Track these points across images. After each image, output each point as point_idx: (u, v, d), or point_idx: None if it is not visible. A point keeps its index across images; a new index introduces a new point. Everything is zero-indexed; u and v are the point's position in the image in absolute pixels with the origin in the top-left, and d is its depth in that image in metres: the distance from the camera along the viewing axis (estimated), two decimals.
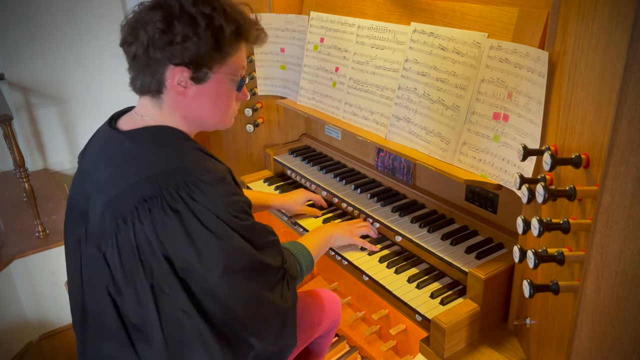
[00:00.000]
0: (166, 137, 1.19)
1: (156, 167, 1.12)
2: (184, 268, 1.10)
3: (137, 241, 1.10)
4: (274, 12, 2.11)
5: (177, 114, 1.21)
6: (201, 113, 1.23)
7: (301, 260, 1.41)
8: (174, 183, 1.10)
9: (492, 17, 1.42)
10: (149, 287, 1.11)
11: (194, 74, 1.15)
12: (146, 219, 1.09)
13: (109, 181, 1.15)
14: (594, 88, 0.96)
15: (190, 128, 1.25)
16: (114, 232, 1.12)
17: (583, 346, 1.00)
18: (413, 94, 1.63)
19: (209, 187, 1.11)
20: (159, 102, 1.20)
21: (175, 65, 1.13)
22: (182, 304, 1.11)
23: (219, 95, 1.22)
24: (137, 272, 1.11)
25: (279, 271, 1.24)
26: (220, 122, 1.28)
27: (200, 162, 1.16)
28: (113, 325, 1.17)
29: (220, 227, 1.11)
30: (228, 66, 1.20)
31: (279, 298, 1.22)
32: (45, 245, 2.67)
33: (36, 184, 3.12)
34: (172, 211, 1.09)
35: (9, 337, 2.63)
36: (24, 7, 3.24)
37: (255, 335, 1.18)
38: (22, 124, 3.44)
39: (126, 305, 1.15)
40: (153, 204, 1.09)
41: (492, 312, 1.42)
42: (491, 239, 1.58)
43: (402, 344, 2.12)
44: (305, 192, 1.95)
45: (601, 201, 0.88)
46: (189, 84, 1.17)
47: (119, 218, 1.11)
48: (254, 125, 2.27)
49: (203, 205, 1.10)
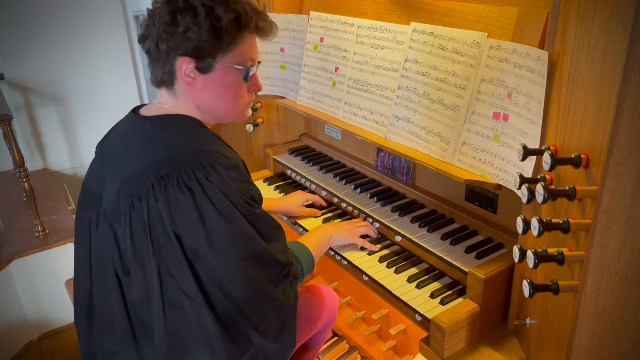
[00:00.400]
0: (186, 124, 1.24)
1: (176, 148, 1.17)
2: (193, 249, 1.12)
3: (150, 219, 1.13)
4: (274, 12, 2.11)
5: (191, 104, 1.26)
6: (212, 103, 1.27)
7: (302, 260, 1.41)
8: (192, 163, 1.13)
9: (492, 17, 1.42)
10: (156, 266, 1.13)
11: (198, 64, 1.20)
12: (161, 196, 1.12)
13: (128, 161, 1.19)
14: (594, 88, 0.96)
15: (206, 118, 1.29)
16: (128, 210, 1.15)
17: (583, 346, 1.00)
18: (413, 94, 1.63)
19: (224, 171, 1.15)
20: (174, 93, 1.26)
21: (181, 56, 1.18)
22: (187, 287, 1.12)
23: (226, 85, 1.25)
24: (147, 250, 1.13)
25: (285, 268, 1.24)
26: (232, 113, 1.30)
27: (218, 148, 1.20)
28: (118, 315, 1.18)
29: (231, 211, 1.14)
30: (233, 56, 1.22)
31: (282, 295, 1.22)
32: (45, 245, 2.67)
33: (36, 184, 3.12)
34: (187, 189, 1.12)
35: (9, 337, 2.63)
36: (24, 7, 3.24)
37: (255, 329, 1.18)
38: (22, 124, 3.44)
39: (132, 286, 1.16)
40: (169, 181, 1.12)
41: (492, 312, 1.42)
42: (491, 239, 1.58)
43: (402, 344, 2.12)
44: (302, 194, 1.95)
45: (601, 201, 0.88)
46: (196, 74, 1.21)
47: (134, 196, 1.14)
48: (254, 125, 2.27)
49: (217, 187, 1.13)
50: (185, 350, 1.14)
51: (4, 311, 2.59)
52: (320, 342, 1.83)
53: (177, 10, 1.16)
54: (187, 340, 1.14)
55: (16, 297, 2.64)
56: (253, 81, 1.31)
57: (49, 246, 2.67)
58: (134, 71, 3.71)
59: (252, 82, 1.30)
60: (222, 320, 1.14)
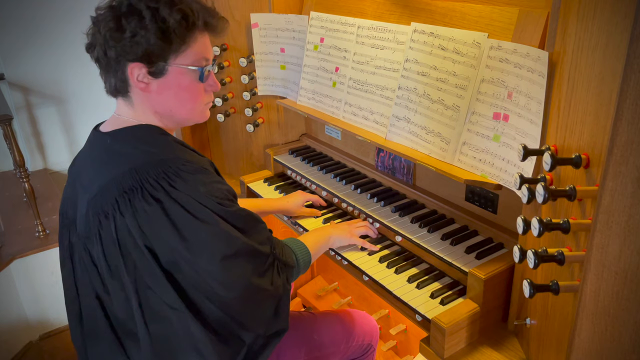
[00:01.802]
0: (145, 133, 1.21)
1: (136, 160, 1.14)
2: (170, 259, 1.10)
3: (119, 235, 1.11)
4: (274, 12, 2.11)
5: (148, 110, 1.23)
6: (169, 107, 1.23)
7: (297, 252, 1.40)
8: (154, 173, 1.11)
9: (492, 17, 1.42)
10: (131, 283, 1.11)
11: (150, 68, 1.16)
12: (127, 210, 1.10)
13: (93, 179, 1.17)
14: (594, 88, 0.96)
15: (166, 123, 1.26)
16: (97, 229, 1.13)
17: (583, 346, 1.00)
18: (413, 94, 1.63)
19: (189, 176, 1.13)
20: (130, 101, 1.23)
21: (131, 61, 1.15)
22: (169, 299, 1.10)
23: (182, 87, 1.21)
24: (121, 267, 1.12)
25: (268, 257, 1.24)
26: (191, 114, 1.27)
27: (180, 154, 1.18)
28: (103, 328, 1.18)
29: (205, 213, 1.12)
30: (186, 57, 1.19)
31: (269, 284, 1.21)
32: (45, 245, 2.67)
33: (36, 184, 3.12)
34: (153, 200, 1.10)
35: (9, 337, 2.63)
36: (24, 7, 3.24)
37: (245, 328, 1.18)
38: (22, 124, 3.44)
39: (113, 303, 1.15)
40: (133, 194, 1.10)
41: (492, 312, 1.42)
42: (491, 239, 1.58)
43: (402, 344, 2.13)
44: (302, 194, 1.95)
45: (601, 201, 0.88)
46: (149, 79, 1.18)
47: (101, 214, 1.12)
48: (254, 125, 2.27)
49: (185, 193, 1.11)
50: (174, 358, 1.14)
51: (4, 311, 2.59)
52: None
53: (122, 15, 1.12)
54: (175, 348, 1.13)
55: (16, 297, 2.64)
56: (209, 80, 1.27)
57: (49, 246, 2.67)
58: None
59: (208, 81, 1.26)
60: (210, 325, 1.14)
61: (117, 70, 1.17)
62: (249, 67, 2.22)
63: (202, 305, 1.13)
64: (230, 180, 2.43)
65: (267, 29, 2.13)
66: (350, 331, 1.68)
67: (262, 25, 2.12)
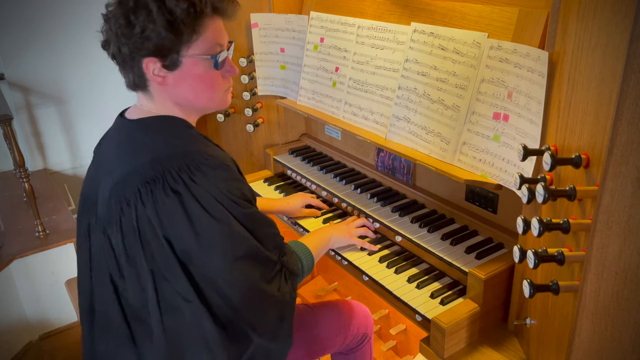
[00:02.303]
0: (170, 125, 1.22)
1: (160, 151, 1.15)
2: (184, 250, 1.11)
3: (139, 224, 1.12)
4: (274, 12, 2.11)
5: (168, 102, 1.24)
6: (188, 98, 1.23)
7: (302, 258, 1.40)
8: (177, 165, 1.12)
9: (492, 17, 1.42)
10: (149, 271, 1.12)
11: (164, 62, 1.16)
12: (148, 200, 1.11)
13: (116, 166, 1.18)
14: (594, 88, 0.96)
15: (188, 114, 1.27)
16: (119, 216, 1.14)
17: (583, 346, 1.00)
18: (413, 94, 1.63)
19: (210, 170, 1.14)
20: (150, 95, 1.24)
21: (144, 57, 1.15)
22: (183, 290, 1.11)
23: (197, 77, 1.21)
24: (139, 256, 1.12)
25: (276, 264, 1.23)
26: (210, 103, 1.27)
27: (204, 148, 1.19)
28: (115, 317, 1.18)
29: (219, 211, 1.12)
30: (198, 46, 1.17)
31: (276, 291, 1.21)
32: (45, 245, 2.67)
33: (36, 184, 3.12)
34: (172, 192, 1.11)
35: (9, 337, 2.63)
36: (24, 7, 3.24)
37: (252, 328, 1.18)
38: (22, 124, 3.44)
39: (128, 289, 1.16)
40: (155, 185, 1.11)
41: (492, 312, 1.42)
42: (491, 239, 1.58)
43: (402, 344, 2.13)
44: (302, 196, 1.94)
45: (601, 201, 0.88)
46: (165, 73, 1.18)
47: (123, 201, 1.13)
48: (254, 125, 2.27)
49: (203, 188, 1.12)
50: (183, 351, 1.14)
51: (4, 311, 2.59)
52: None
53: (130, 11, 1.12)
54: (186, 341, 1.14)
55: (16, 297, 2.64)
56: (226, 66, 1.25)
57: (49, 246, 2.67)
58: None
59: (224, 67, 1.25)
60: (220, 321, 1.14)
61: (133, 66, 1.18)
62: (249, 67, 2.22)
63: (212, 300, 1.13)
64: None
65: (267, 29, 2.13)
66: (347, 322, 1.69)
67: (262, 25, 2.12)
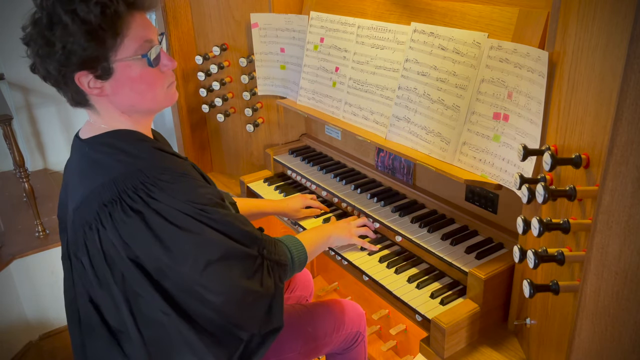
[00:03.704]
0: (122, 140, 1.17)
1: (113, 171, 1.12)
2: (156, 267, 1.10)
3: (103, 246, 1.10)
4: (274, 12, 2.11)
5: (114, 112, 1.19)
6: (131, 102, 1.17)
7: (292, 248, 1.39)
8: (132, 185, 1.09)
9: (492, 17, 1.42)
10: (120, 292, 1.11)
11: (95, 72, 1.10)
12: (108, 223, 1.09)
13: (75, 189, 1.16)
14: (594, 88, 0.96)
15: (137, 120, 1.22)
16: (83, 240, 1.13)
17: (583, 346, 1.00)
18: (413, 93, 1.63)
19: (168, 186, 1.11)
20: (94, 109, 1.19)
21: (74, 72, 1.09)
22: (158, 305, 1.11)
23: (135, 80, 1.14)
24: (108, 277, 1.11)
25: (257, 258, 1.22)
26: (155, 103, 1.20)
27: (158, 161, 1.15)
28: (100, 328, 1.18)
29: (187, 221, 1.11)
30: (126, 49, 1.10)
31: (258, 285, 1.20)
32: (45, 245, 2.67)
33: (36, 184, 3.12)
34: (132, 212, 1.08)
35: (9, 337, 2.63)
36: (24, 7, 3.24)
37: (239, 327, 1.18)
38: (22, 124, 3.44)
39: (105, 310, 1.15)
40: (113, 207, 1.09)
41: (492, 312, 1.42)
42: (491, 239, 1.58)
43: (402, 344, 2.13)
44: (301, 198, 1.93)
45: (601, 201, 0.88)
46: (99, 83, 1.12)
47: (85, 225, 1.12)
48: (254, 125, 2.27)
49: (165, 203, 1.10)
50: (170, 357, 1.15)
51: (4, 311, 2.59)
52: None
53: (45, 29, 1.05)
54: (171, 350, 1.14)
55: (16, 297, 2.64)
56: (162, 61, 1.17)
57: (49, 246, 2.67)
58: None
59: (161, 62, 1.17)
60: (203, 327, 1.14)
61: (67, 84, 1.12)
62: (249, 67, 2.22)
63: (194, 309, 1.13)
64: (230, 180, 2.44)
65: (267, 29, 2.13)
66: (340, 320, 1.69)
67: (262, 25, 2.12)
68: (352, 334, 1.73)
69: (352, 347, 1.76)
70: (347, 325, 1.71)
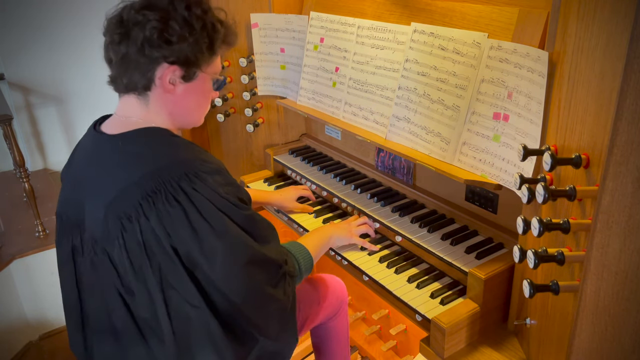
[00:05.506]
0: (157, 135, 1.22)
1: (155, 162, 1.15)
2: (190, 257, 1.12)
3: (144, 237, 1.12)
4: (274, 12, 2.11)
5: (163, 110, 1.24)
6: (187, 110, 1.28)
7: (300, 259, 1.41)
8: (176, 175, 1.12)
9: (492, 17, 1.42)
10: (157, 283, 1.12)
11: (185, 72, 1.20)
12: (151, 213, 1.11)
13: (106, 183, 1.16)
14: (594, 88, 0.96)
15: (175, 125, 1.29)
16: (120, 233, 1.13)
17: (583, 346, 1.00)
18: (413, 94, 1.63)
19: (208, 176, 1.15)
20: (146, 100, 1.23)
21: (170, 63, 1.17)
22: (190, 297, 1.12)
23: (202, 93, 1.27)
24: (146, 268, 1.13)
25: (281, 267, 1.25)
26: (199, 119, 1.34)
27: (197, 154, 1.19)
28: (123, 323, 1.18)
29: (219, 220, 1.13)
30: (212, 66, 1.26)
31: (282, 294, 1.23)
32: (45, 245, 2.67)
33: (36, 184, 3.12)
34: (175, 202, 1.11)
35: (9, 337, 2.63)
36: (24, 7, 3.24)
37: (258, 330, 1.20)
38: (22, 124, 3.44)
39: (137, 302, 1.16)
40: (157, 197, 1.11)
41: (492, 312, 1.42)
42: (491, 239, 1.58)
43: (402, 344, 2.13)
44: (295, 189, 2.00)
45: (601, 201, 0.88)
46: (178, 82, 1.21)
47: (123, 217, 1.12)
48: (254, 125, 2.27)
49: (203, 196, 1.13)
50: (193, 352, 1.16)
51: (4, 311, 2.59)
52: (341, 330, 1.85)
53: (169, 18, 1.15)
54: (195, 343, 1.15)
55: (16, 297, 2.64)
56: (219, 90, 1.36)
57: (49, 246, 2.67)
58: None
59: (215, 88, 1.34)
60: (226, 323, 1.15)
61: (149, 69, 1.18)
62: (249, 67, 2.22)
63: (219, 304, 1.14)
64: None
65: (267, 29, 2.13)
66: (324, 293, 1.74)
67: (262, 25, 2.12)
68: (334, 304, 1.77)
69: (335, 317, 1.80)
70: (331, 296, 1.75)
